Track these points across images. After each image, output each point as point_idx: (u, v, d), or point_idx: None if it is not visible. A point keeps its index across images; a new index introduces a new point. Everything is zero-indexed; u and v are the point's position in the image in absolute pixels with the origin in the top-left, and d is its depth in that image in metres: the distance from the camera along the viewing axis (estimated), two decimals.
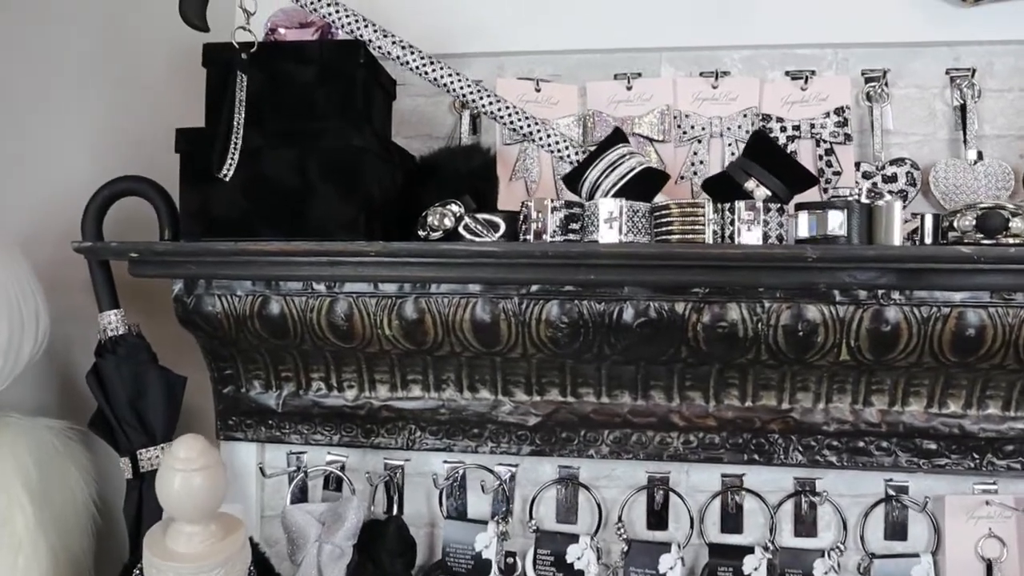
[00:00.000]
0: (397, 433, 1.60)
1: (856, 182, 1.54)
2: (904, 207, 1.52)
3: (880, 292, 1.34)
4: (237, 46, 1.43)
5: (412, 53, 1.46)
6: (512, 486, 1.59)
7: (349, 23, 1.46)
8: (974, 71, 1.54)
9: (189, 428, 1.51)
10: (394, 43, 1.46)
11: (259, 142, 1.40)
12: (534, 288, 1.42)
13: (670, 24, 1.62)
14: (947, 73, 1.56)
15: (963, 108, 1.54)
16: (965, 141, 1.53)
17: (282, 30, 1.52)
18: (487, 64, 1.69)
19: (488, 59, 1.68)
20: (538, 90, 1.63)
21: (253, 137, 1.40)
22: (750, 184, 1.32)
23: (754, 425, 1.50)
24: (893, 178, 1.53)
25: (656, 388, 1.51)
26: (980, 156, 1.52)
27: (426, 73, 1.46)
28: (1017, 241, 1.25)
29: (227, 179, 1.37)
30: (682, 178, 1.60)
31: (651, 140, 1.60)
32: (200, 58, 1.46)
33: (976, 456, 1.46)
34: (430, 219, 1.35)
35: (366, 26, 1.46)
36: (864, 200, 1.29)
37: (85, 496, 1.60)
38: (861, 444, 1.49)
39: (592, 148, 1.44)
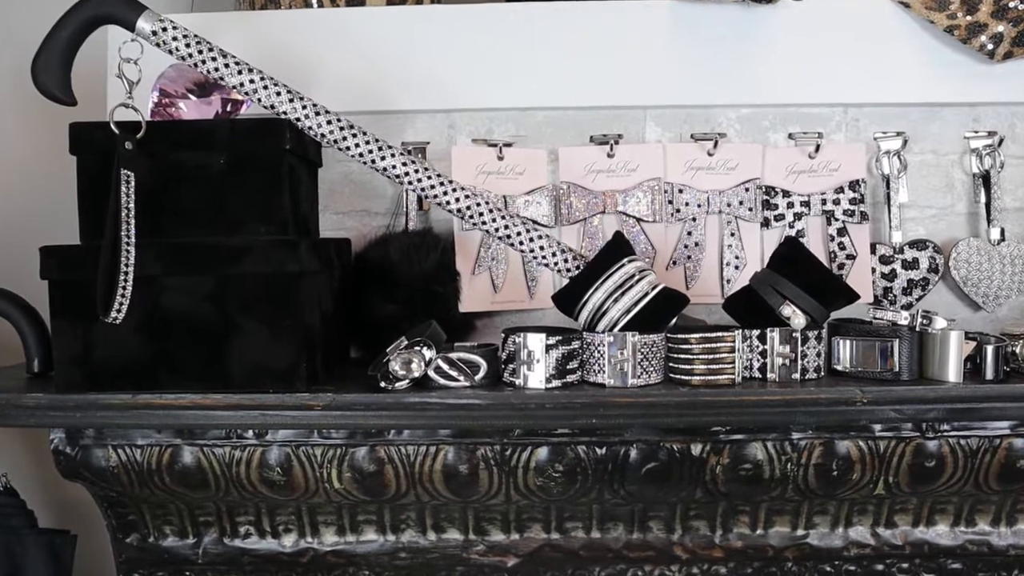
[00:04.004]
0: None
1: (873, 268, 1.34)
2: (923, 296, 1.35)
3: (925, 425, 1.16)
4: (117, 131, 1.08)
5: (356, 136, 1.14)
6: None
7: (269, 95, 1.13)
8: (1002, 140, 1.34)
9: None
10: (330, 122, 1.14)
11: (157, 267, 1.07)
12: (519, 431, 1.16)
13: (656, 77, 1.35)
14: (967, 138, 1.37)
15: (986, 178, 1.35)
16: (989, 218, 1.35)
17: (181, 104, 1.16)
18: (436, 122, 1.38)
19: (438, 116, 1.38)
20: (501, 158, 1.34)
21: (149, 260, 1.07)
22: (786, 310, 1.09)
23: (766, 554, 1.31)
24: (914, 263, 1.34)
25: (655, 519, 1.29)
26: (1003, 235, 1.35)
27: (374, 162, 1.15)
28: None
29: (117, 322, 1.03)
30: (674, 263, 1.36)
31: (639, 220, 1.34)
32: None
33: (1004, 574, 1.32)
34: (393, 365, 1.07)
35: (291, 100, 1.13)
36: (916, 327, 1.09)
37: None
38: (881, 567, 1.32)
39: (582, 257, 1.18)
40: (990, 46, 1.30)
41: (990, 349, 1.09)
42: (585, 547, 1.31)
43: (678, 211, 1.34)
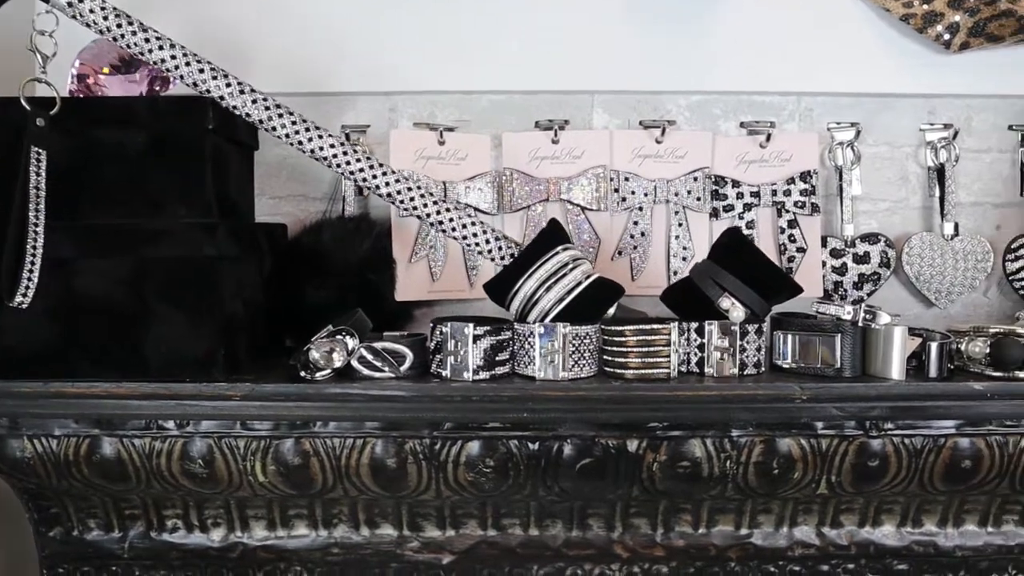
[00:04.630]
0: None
1: (823, 261, 1.31)
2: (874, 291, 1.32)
3: (868, 423, 1.12)
4: (28, 107, 1.03)
5: (282, 116, 1.10)
6: None
7: (192, 72, 1.08)
8: (956, 132, 1.31)
9: None
10: (255, 101, 1.09)
11: (70, 250, 1.02)
12: (449, 425, 1.12)
13: (604, 61, 1.31)
14: (922, 130, 1.33)
15: (940, 172, 1.32)
16: (943, 212, 1.32)
17: (102, 79, 1.11)
18: (376, 105, 1.34)
19: (378, 99, 1.34)
20: (442, 142, 1.30)
21: (62, 241, 1.02)
22: (725, 302, 1.06)
23: (709, 553, 1.28)
24: (865, 258, 1.31)
25: (595, 517, 1.26)
26: (956, 230, 1.32)
27: (300, 144, 1.10)
28: None
29: (23, 307, 0.99)
30: (619, 253, 1.32)
31: (583, 208, 1.30)
32: None
33: (950, 575, 1.30)
34: (314, 354, 1.03)
35: (214, 77, 1.08)
36: (859, 322, 1.06)
37: None
38: (826, 568, 1.29)
39: (517, 245, 1.14)
40: (946, 36, 1.27)
41: (934, 346, 1.06)
42: (523, 544, 1.27)
43: (624, 200, 1.30)
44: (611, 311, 1.12)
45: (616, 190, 1.31)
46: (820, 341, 1.06)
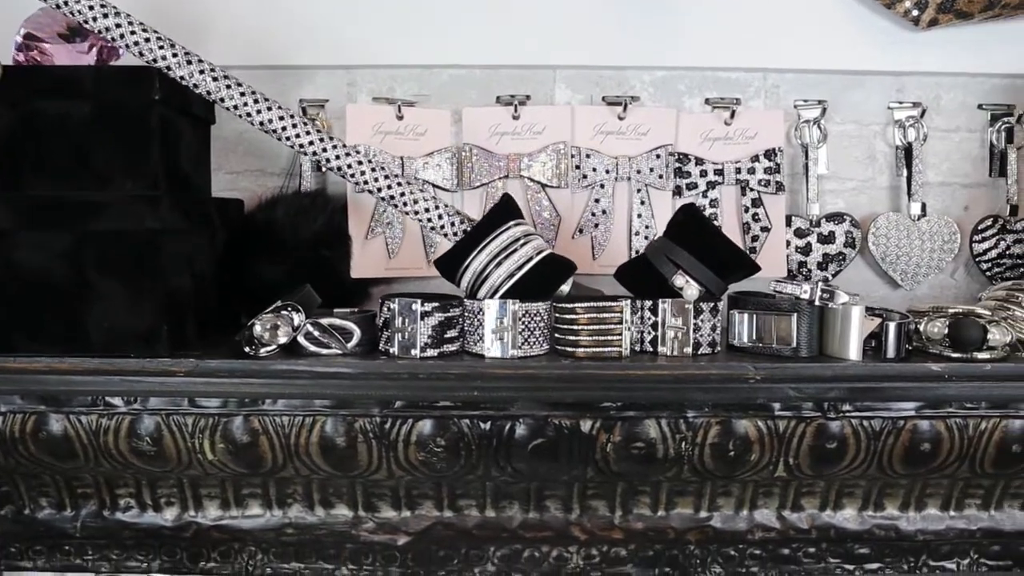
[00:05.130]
0: (232, 557, 1.27)
1: (787, 241, 1.29)
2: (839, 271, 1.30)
3: (826, 404, 1.11)
4: None
5: (230, 87, 1.07)
6: None
7: (138, 42, 1.06)
8: (924, 111, 1.29)
9: None
10: (203, 72, 1.07)
11: (10, 220, 1.00)
12: (399, 403, 1.10)
13: (567, 36, 1.29)
14: (890, 108, 1.31)
15: (908, 151, 1.30)
16: (910, 192, 1.30)
17: (47, 47, 1.09)
18: (335, 79, 1.32)
19: (336, 73, 1.32)
20: (400, 117, 1.28)
21: (3, 213, 1.00)
22: (679, 280, 1.04)
23: (668, 536, 1.26)
24: (830, 238, 1.29)
25: (552, 498, 1.24)
26: (924, 210, 1.30)
27: (249, 116, 1.08)
28: (993, 356, 1.03)
29: None
30: (580, 231, 1.30)
31: (544, 186, 1.28)
32: None
33: (912, 559, 1.28)
34: (258, 330, 1.01)
35: (160, 47, 1.06)
36: (817, 301, 1.04)
37: None
38: (787, 551, 1.28)
39: (471, 221, 1.12)
40: (915, 12, 1.24)
41: (892, 326, 1.04)
42: (479, 526, 1.26)
43: (585, 177, 1.28)
44: (566, 289, 1.10)
45: (577, 167, 1.28)
46: (776, 320, 1.04)
